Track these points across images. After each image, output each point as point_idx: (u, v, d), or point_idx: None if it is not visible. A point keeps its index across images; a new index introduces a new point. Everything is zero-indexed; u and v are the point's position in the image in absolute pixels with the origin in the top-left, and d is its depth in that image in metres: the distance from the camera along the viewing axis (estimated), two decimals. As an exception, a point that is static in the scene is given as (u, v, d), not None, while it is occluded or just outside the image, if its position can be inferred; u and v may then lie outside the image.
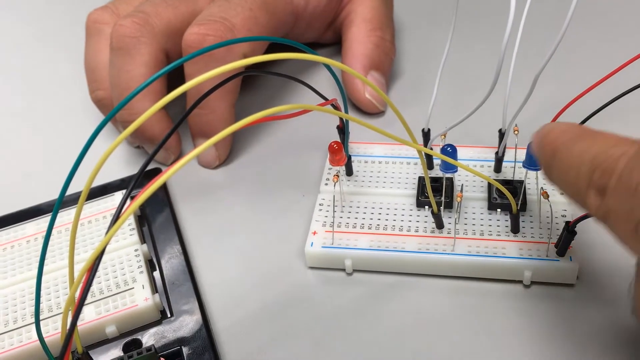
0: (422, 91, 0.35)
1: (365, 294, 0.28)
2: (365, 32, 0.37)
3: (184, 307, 0.28)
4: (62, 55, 0.46)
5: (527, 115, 0.30)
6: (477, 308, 0.27)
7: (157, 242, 0.31)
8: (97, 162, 0.18)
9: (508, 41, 0.22)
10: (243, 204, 0.33)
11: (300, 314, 0.28)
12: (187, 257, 0.30)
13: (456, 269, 0.28)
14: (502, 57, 0.22)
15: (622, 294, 0.27)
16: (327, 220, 0.30)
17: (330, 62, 0.21)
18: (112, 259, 0.29)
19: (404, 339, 0.26)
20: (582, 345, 0.25)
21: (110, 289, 0.28)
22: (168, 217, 0.32)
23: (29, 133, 0.40)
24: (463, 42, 0.39)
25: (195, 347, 0.26)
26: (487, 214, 0.29)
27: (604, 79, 0.29)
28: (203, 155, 0.35)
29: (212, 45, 0.20)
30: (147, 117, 0.18)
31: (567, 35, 0.22)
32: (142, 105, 0.33)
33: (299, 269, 0.29)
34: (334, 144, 0.28)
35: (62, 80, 0.43)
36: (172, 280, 0.29)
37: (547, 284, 0.27)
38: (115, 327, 0.27)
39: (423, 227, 0.29)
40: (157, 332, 0.27)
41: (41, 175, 0.37)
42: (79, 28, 0.39)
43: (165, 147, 0.35)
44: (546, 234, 0.27)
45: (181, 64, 0.19)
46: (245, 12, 0.33)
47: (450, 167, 0.27)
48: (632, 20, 0.38)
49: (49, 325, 0.27)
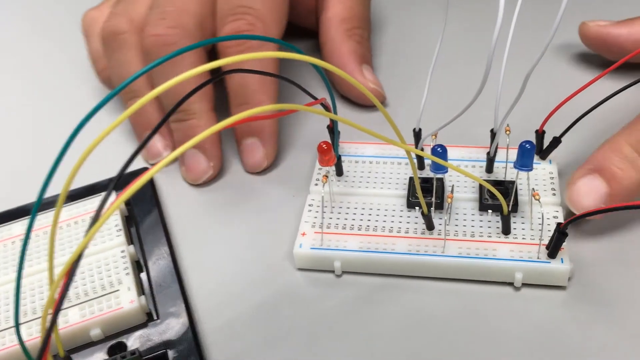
0: (414, 91, 0.35)
1: (355, 296, 0.28)
2: (344, 30, 0.37)
3: (171, 310, 0.27)
4: (55, 53, 0.45)
5: (521, 115, 0.29)
6: (467, 310, 0.27)
7: (145, 243, 0.30)
8: (78, 159, 0.18)
9: (498, 40, 0.21)
10: (232, 204, 0.33)
11: (289, 316, 0.27)
12: (174, 258, 0.30)
13: (446, 270, 0.27)
14: (491, 56, 0.22)
15: (615, 296, 0.26)
16: (317, 221, 0.29)
17: (323, 64, 0.20)
18: (97, 260, 0.29)
19: (394, 341, 0.26)
20: (573, 348, 0.25)
21: (96, 291, 0.27)
22: (156, 218, 0.32)
23: (17, 132, 0.40)
24: (456, 41, 0.39)
25: (181, 350, 0.26)
26: (478, 215, 0.29)
27: (596, 79, 0.29)
28: (250, 157, 0.33)
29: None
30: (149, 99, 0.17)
31: (559, 35, 0.22)
32: (197, 106, 0.33)
33: (287, 270, 0.29)
34: (323, 144, 0.27)
35: (54, 79, 0.43)
36: (159, 282, 0.29)
37: (538, 286, 0.27)
38: (100, 329, 0.27)
39: (413, 229, 0.28)
40: (143, 335, 0.27)
41: (29, 175, 0.36)
42: (73, 26, 0.38)
43: (206, 154, 0.34)
44: (537, 236, 0.27)
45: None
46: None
47: (440, 167, 0.26)
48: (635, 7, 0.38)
49: (33, 328, 0.26)
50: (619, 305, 0.26)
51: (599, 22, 0.36)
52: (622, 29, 0.35)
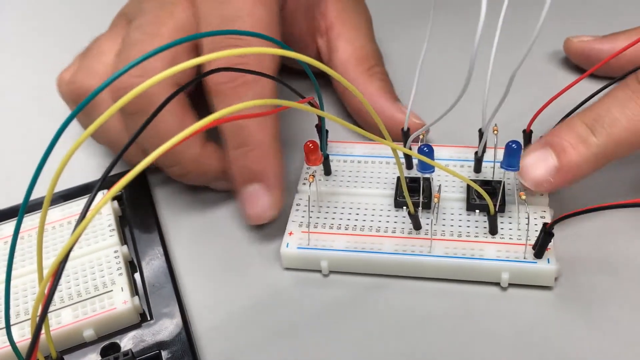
0: (401, 90, 0.35)
1: (342, 296, 0.28)
2: (364, 71, 0.34)
3: (164, 310, 0.27)
4: (51, 52, 0.45)
5: (509, 114, 0.29)
6: (454, 310, 0.27)
7: (138, 243, 0.30)
8: (61, 161, 0.18)
9: (480, 40, 0.21)
10: (224, 204, 0.33)
11: (279, 316, 0.27)
12: (168, 259, 0.30)
13: (433, 270, 0.27)
14: (474, 53, 0.21)
15: (601, 296, 0.26)
16: (304, 221, 0.29)
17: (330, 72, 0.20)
18: (90, 260, 0.28)
19: (381, 341, 0.26)
20: (559, 348, 0.25)
21: (89, 292, 0.27)
22: (150, 218, 0.32)
23: (9, 132, 0.40)
24: (443, 39, 0.39)
25: (174, 351, 0.26)
26: (465, 214, 0.29)
27: (580, 79, 0.29)
28: (253, 206, 0.29)
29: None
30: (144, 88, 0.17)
31: (547, 37, 0.22)
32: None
33: (276, 270, 0.29)
34: (310, 143, 0.27)
35: (47, 80, 0.43)
36: (153, 282, 0.29)
37: (524, 286, 0.27)
38: (93, 330, 0.26)
39: (400, 228, 0.28)
40: (136, 336, 0.26)
41: (21, 176, 0.36)
42: (71, 25, 0.38)
43: (225, 176, 0.31)
44: (524, 236, 0.27)
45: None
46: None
47: (427, 167, 0.26)
48: (614, 19, 0.38)
49: (25, 329, 0.26)
50: (605, 305, 0.26)
51: (583, 38, 0.36)
52: (605, 44, 0.35)
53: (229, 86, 0.28)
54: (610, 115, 0.27)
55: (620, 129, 0.26)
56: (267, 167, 0.29)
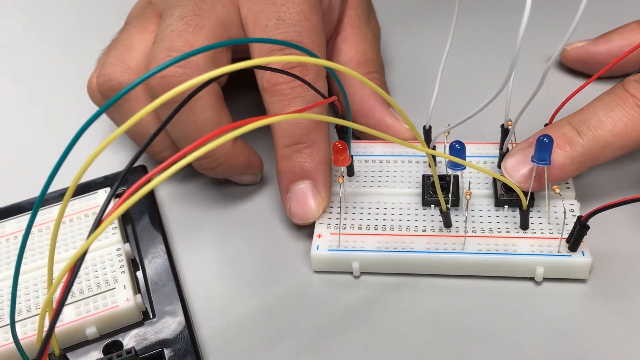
0: (422, 88, 0.34)
1: (374, 296, 0.27)
2: (362, 75, 0.34)
3: (167, 308, 0.27)
4: (51, 49, 0.44)
5: (527, 110, 0.29)
6: (488, 307, 0.27)
7: (141, 241, 0.30)
8: (86, 159, 0.18)
9: (522, 39, 0.21)
10: (226, 203, 0.32)
11: (290, 316, 0.27)
12: (171, 256, 0.29)
13: (467, 267, 0.27)
14: (516, 54, 0.21)
15: (635, 287, 0.26)
16: (332, 223, 0.29)
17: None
18: (93, 258, 0.28)
19: (415, 340, 0.26)
20: (595, 342, 0.25)
21: (91, 289, 0.27)
22: (153, 215, 0.31)
23: (10, 130, 0.39)
24: (463, 39, 0.39)
25: (177, 350, 0.25)
26: (494, 210, 0.29)
27: (600, 73, 0.29)
28: (300, 204, 0.29)
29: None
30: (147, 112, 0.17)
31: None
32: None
33: (277, 270, 0.29)
34: (339, 143, 0.27)
35: (49, 77, 0.42)
36: (155, 280, 0.28)
37: (558, 280, 0.27)
38: (95, 328, 0.26)
39: (430, 226, 0.28)
40: (139, 334, 0.26)
41: (22, 173, 0.35)
42: (72, 24, 0.37)
43: (251, 169, 0.32)
44: (556, 229, 0.27)
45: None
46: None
47: (457, 164, 0.26)
48: (634, 14, 0.38)
49: (28, 326, 0.26)
50: (639, 297, 0.26)
51: (577, 44, 0.36)
52: (599, 46, 0.35)
53: (287, 86, 0.28)
54: (596, 117, 0.27)
55: (606, 131, 0.27)
56: (320, 166, 0.29)
